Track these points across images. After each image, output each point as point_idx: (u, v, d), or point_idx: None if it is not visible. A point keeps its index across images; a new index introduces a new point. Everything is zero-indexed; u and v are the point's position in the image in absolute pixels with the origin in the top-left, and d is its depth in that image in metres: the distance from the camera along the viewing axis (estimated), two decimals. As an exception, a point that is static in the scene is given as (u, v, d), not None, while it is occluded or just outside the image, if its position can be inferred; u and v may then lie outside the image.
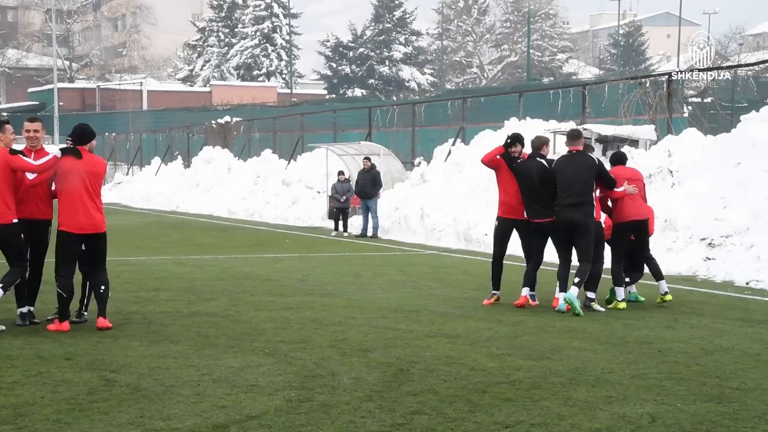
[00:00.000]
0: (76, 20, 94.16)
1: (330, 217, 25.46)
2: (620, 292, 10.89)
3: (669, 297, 11.09)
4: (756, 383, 6.90)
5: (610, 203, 11.17)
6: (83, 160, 8.89)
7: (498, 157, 11.09)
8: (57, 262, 8.97)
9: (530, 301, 10.92)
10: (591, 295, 10.65)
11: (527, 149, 11.25)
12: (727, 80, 25.96)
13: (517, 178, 10.89)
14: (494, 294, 11.21)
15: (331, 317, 9.93)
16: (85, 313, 9.43)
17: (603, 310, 10.59)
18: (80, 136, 9.02)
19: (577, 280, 10.38)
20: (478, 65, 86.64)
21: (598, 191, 10.94)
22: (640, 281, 11.63)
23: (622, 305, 10.77)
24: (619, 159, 11.55)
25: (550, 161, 10.91)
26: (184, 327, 9.20)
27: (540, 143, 11.11)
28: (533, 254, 10.99)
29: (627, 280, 11.17)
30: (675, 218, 15.91)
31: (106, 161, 9.71)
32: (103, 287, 9.02)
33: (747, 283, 13.14)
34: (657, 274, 11.18)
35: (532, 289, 10.94)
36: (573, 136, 10.96)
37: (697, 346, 8.38)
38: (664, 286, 11.19)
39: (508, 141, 11.13)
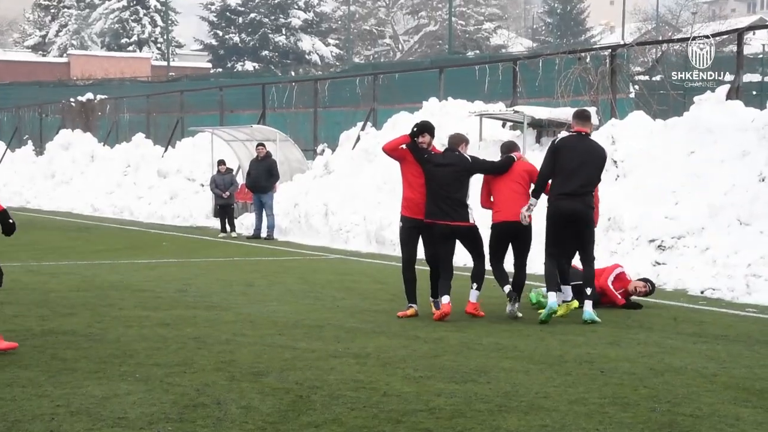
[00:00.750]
0: None
1: (216, 216, 25.27)
2: (562, 293, 11.22)
3: (575, 303, 11.38)
4: (712, 408, 7.08)
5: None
6: None
7: (403, 146, 11.27)
8: None
9: (434, 308, 11.32)
10: (516, 304, 11.18)
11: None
12: (679, 54, 26.63)
13: (425, 173, 11.14)
14: (411, 307, 11.33)
15: (216, 335, 9.84)
16: None
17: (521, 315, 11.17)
18: None
19: (589, 291, 10.89)
20: (392, 36, 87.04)
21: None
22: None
23: (574, 304, 11.25)
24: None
25: (472, 157, 11.26)
26: (35, 348, 8.99)
27: (457, 140, 11.37)
28: (442, 263, 11.23)
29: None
30: (620, 216, 16.23)
31: None
32: None
33: (702, 292, 13.49)
34: (563, 277, 11.41)
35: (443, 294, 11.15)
36: (584, 116, 11.25)
37: (645, 365, 8.57)
38: (568, 291, 11.52)
39: (415, 130, 11.34)
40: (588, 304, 10.85)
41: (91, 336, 9.71)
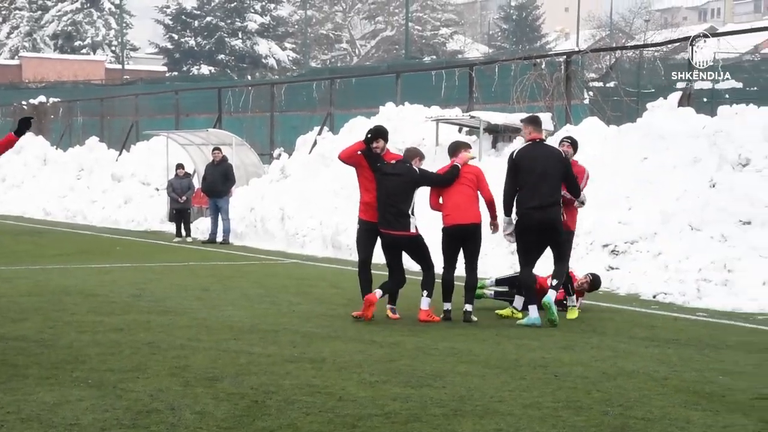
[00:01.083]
0: None
1: (171, 220, 25.12)
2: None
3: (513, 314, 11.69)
4: (663, 411, 7.16)
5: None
6: None
7: (359, 153, 11.37)
8: None
9: (390, 314, 11.47)
10: (470, 307, 11.32)
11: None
12: (633, 61, 26.88)
13: (375, 181, 11.26)
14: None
15: (171, 340, 9.79)
16: None
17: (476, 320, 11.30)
18: None
19: (555, 282, 11.00)
20: (349, 40, 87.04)
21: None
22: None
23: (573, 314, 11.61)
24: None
25: (421, 170, 11.38)
26: (-13, 354, 8.90)
27: (412, 154, 11.47)
28: (393, 271, 11.40)
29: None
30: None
31: None
32: None
33: (654, 296, 13.63)
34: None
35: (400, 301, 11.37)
36: (538, 123, 11.34)
37: (598, 369, 8.64)
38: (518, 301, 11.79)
39: (369, 136, 11.43)
40: (552, 293, 11.00)
41: (43, 341, 9.62)
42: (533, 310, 11.09)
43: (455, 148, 11.59)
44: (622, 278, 14.58)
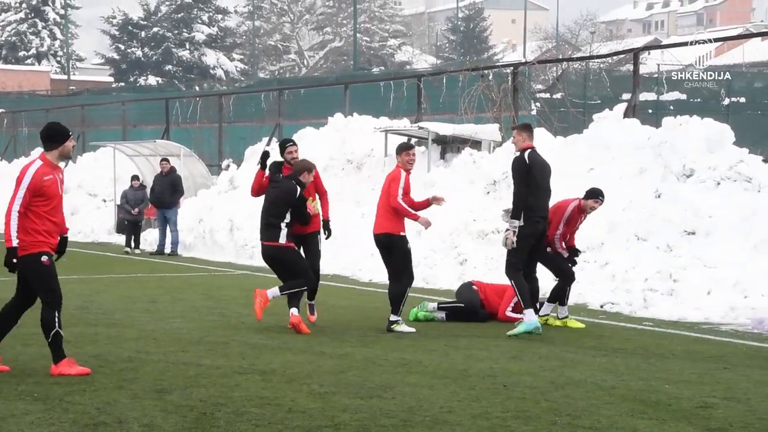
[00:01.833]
0: None
1: (119, 231, 24.90)
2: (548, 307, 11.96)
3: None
4: (610, 421, 7.22)
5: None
6: None
7: (265, 178, 11.73)
8: None
9: (309, 314, 11.88)
10: (394, 317, 11.38)
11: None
12: (579, 73, 27.15)
13: (267, 192, 11.58)
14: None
15: (118, 352, 9.71)
16: None
17: (413, 330, 11.38)
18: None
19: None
20: (297, 51, 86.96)
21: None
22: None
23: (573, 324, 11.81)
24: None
25: (300, 195, 11.39)
26: (-70, 369, 8.75)
27: (300, 168, 11.51)
28: (291, 275, 11.57)
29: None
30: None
31: None
32: None
33: (601, 306, 13.74)
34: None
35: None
36: (531, 129, 11.35)
37: (547, 379, 8.70)
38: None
39: (262, 161, 11.88)
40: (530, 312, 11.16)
41: (-11, 355, 9.47)
42: (530, 313, 11.10)
43: (399, 150, 11.73)
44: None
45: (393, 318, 11.39)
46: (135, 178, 24.46)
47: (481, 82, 22.28)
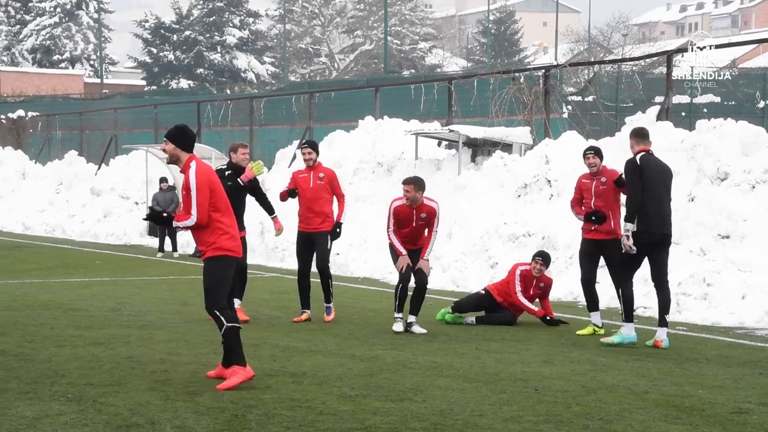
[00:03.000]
0: None
1: (151, 234, 25.00)
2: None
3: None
4: (643, 426, 7.18)
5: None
6: None
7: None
8: None
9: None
10: (412, 318, 11.51)
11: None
12: (611, 75, 27.02)
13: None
14: (304, 312, 12.34)
15: (151, 354, 9.75)
16: None
17: (424, 331, 11.46)
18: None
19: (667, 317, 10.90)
20: (327, 54, 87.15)
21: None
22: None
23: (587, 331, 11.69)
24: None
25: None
26: (-35, 369, 8.84)
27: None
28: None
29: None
30: (554, 235, 16.40)
31: None
32: None
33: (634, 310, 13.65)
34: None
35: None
36: (646, 135, 11.04)
37: (578, 383, 8.66)
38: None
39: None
40: (663, 331, 10.80)
41: (22, 356, 9.56)
42: (630, 327, 10.81)
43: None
44: (602, 292, 14.57)
45: (413, 318, 11.56)
46: (164, 180, 24.57)
47: (513, 85, 22.22)
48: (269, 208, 12.79)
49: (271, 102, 33.72)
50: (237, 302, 11.72)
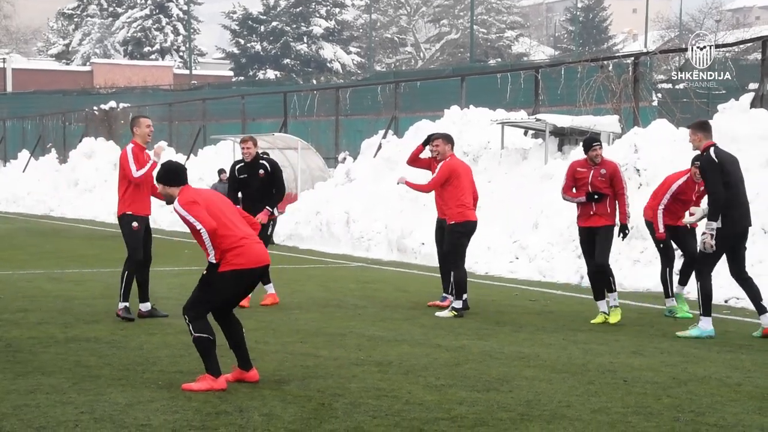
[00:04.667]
0: None
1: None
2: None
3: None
4: (736, 419, 7.05)
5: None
6: None
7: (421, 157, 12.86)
8: None
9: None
10: (457, 304, 11.79)
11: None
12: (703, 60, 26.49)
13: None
14: (446, 297, 12.39)
15: (238, 343, 9.85)
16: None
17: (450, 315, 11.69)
18: None
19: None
20: (413, 44, 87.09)
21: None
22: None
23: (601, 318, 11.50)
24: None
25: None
26: (58, 356, 9.05)
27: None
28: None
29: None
30: (643, 224, 16.15)
31: None
32: None
33: (726, 301, 13.40)
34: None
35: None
36: (711, 128, 10.86)
37: (668, 374, 8.54)
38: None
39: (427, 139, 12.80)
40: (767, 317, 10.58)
41: (115, 343, 9.76)
42: (707, 321, 10.58)
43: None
44: (692, 282, 14.36)
45: (458, 304, 11.81)
46: (222, 171, 24.87)
47: (601, 73, 21.94)
48: (272, 201, 12.65)
49: (356, 92, 33.80)
50: (269, 287, 12.69)
